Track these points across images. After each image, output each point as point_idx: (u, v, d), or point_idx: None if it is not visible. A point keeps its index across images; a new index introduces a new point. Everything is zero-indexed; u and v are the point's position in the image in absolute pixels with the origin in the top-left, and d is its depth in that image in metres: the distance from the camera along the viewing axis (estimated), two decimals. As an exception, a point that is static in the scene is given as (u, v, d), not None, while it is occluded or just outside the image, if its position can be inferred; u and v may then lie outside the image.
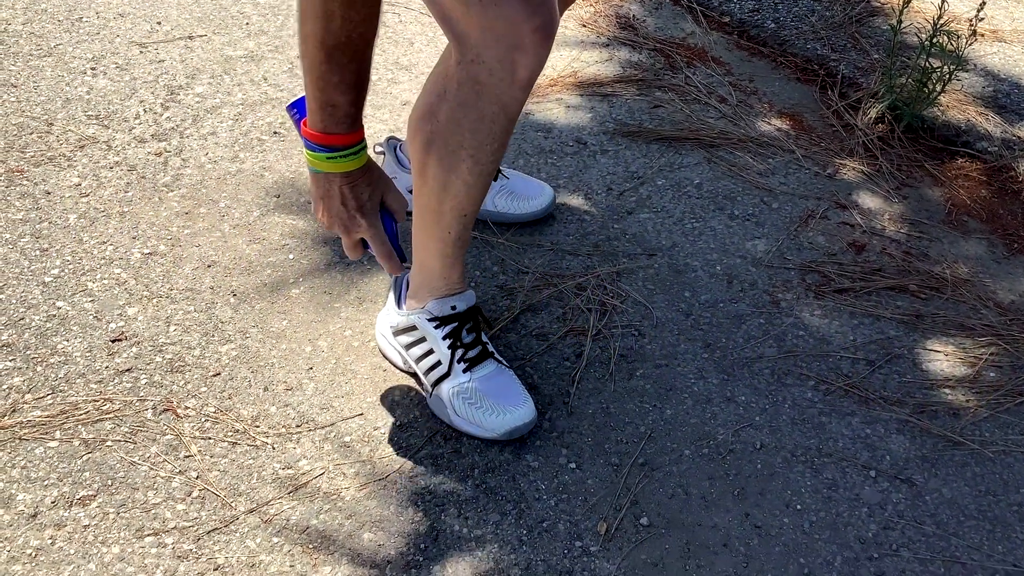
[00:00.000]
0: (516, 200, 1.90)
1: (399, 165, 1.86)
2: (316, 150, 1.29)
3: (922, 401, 1.62)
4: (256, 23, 2.48)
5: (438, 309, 1.54)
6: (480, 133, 1.33)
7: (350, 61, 1.21)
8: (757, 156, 2.14)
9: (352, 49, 1.21)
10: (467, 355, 1.54)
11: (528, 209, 1.90)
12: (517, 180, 1.92)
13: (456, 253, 1.50)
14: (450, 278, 1.53)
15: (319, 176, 1.32)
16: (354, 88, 1.24)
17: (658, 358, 1.68)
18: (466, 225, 1.47)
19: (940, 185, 2.08)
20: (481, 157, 1.36)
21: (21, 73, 2.26)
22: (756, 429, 1.57)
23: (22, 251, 1.80)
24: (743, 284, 1.83)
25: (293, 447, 1.50)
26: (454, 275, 1.53)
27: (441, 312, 1.54)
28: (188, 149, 2.06)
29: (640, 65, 2.40)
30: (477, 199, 1.43)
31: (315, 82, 1.23)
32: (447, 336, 1.54)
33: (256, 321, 1.70)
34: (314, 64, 1.21)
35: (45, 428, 1.49)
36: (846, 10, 2.60)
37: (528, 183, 1.93)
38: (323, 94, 1.24)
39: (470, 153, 1.35)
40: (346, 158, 1.29)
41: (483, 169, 1.38)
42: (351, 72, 1.23)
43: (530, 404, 1.52)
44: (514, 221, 1.91)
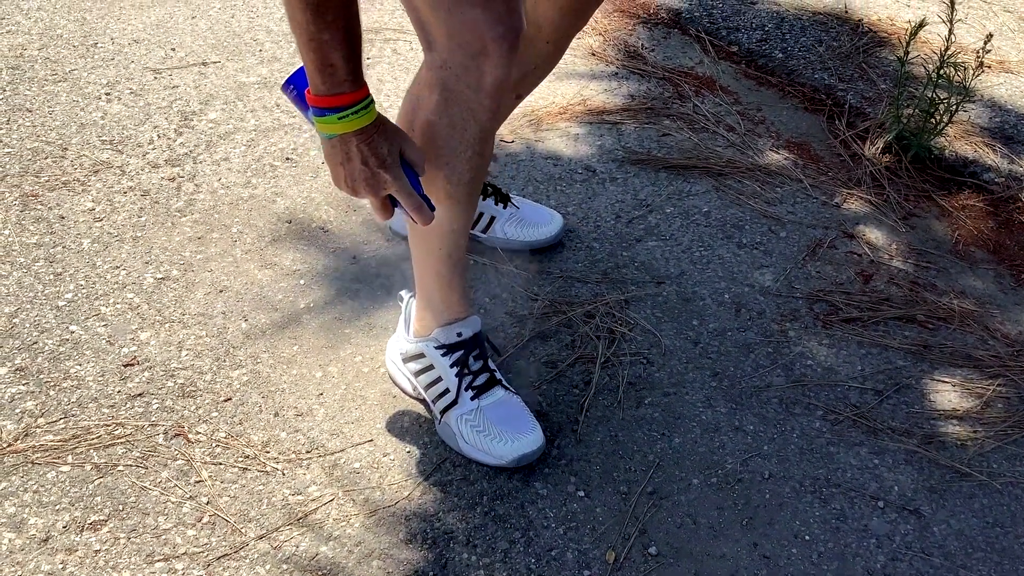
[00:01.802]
0: (526, 227, 1.91)
1: None
2: (326, 114, 1.26)
3: (930, 432, 1.63)
4: (269, 50, 2.51)
5: (444, 336, 1.55)
6: (453, 140, 1.36)
7: (336, 17, 1.19)
8: (765, 185, 2.15)
9: (335, 4, 1.19)
10: (474, 382, 1.55)
11: (538, 236, 1.92)
12: (527, 208, 1.94)
13: (451, 272, 1.51)
14: (451, 302, 1.55)
15: (335, 142, 1.29)
16: (346, 43, 1.21)
17: (666, 386, 1.69)
18: (456, 242, 1.48)
19: (947, 216, 2.09)
20: (457, 165, 1.38)
21: (36, 98, 2.28)
22: (764, 459, 1.57)
23: (36, 275, 1.82)
24: (751, 313, 1.84)
25: (303, 473, 1.51)
26: (454, 299, 1.54)
27: (447, 339, 1.55)
28: (201, 174, 2.08)
29: (649, 94, 2.43)
30: (462, 212, 1.45)
31: (307, 44, 1.21)
32: (454, 364, 1.55)
33: (267, 346, 1.71)
34: (302, 27, 1.19)
35: (57, 452, 1.50)
36: (853, 40, 2.62)
37: (538, 211, 1.94)
38: (318, 55, 1.22)
39: (446, 161, 1.37)
40: (357, 114, 1.26)
41: (461, 178, 1.40)
42: (339, 27, 1.20)
43: (538, 431, 1.53)
44: (524, 248, 1.92)
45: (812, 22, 2.70)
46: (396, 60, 2.49)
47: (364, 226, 1.98)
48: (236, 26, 2.59)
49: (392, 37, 2.57)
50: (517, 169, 2.15)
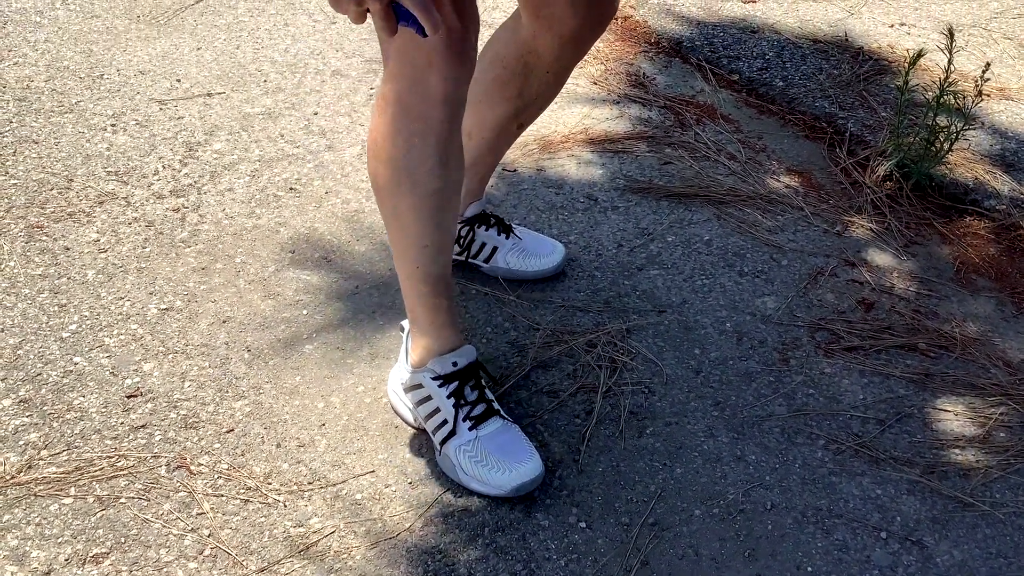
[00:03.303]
0: (527, 258, 1.92)
1: None
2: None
3: (932, 461, 1.62)
4: (274, 81, 2.53)
5: (440, 367, 1.55)
6: (413, 151, 1.39)
7: None
8: (766, 213, 2.16)
9: None
10: (472, 412, 1.55)
11: (539, 267, 1.92)
12: (528, 238, 1.94)
13: (434, 294, 1.52)
14: (441, 330, 1.56)
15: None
16: None
17: (668, 416, 1.69)
18: (433, 258, 1.49)
19: (949, 243, 2.10)
20: (419, 177, 1.41)
21: (43, 129, 2.30)
22: (767, 489, 1.57)
23: (41, 306, 1.83)
24: (753, 342, 1.84)
25: (304, 505, 1.51)
26: (444, 326, 1.55)
27: (443, 370, 1.55)
28: (205, 205, 2.10)
29: (650, 122, 2.44)
30: (433, 227, 1.46)
31: None
32: (451, 395, 1.55)
33: (270, 377, 1.72)
34: None
35: (60, 485, 1.51)
36: (854, 68, 2.63)
37: (540, 241, 1.95)
38: None
39: (407, 173, 1.41)
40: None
41: (424, 191, 1.42)
42: None
43: (536, 460, 1.53)
44: (525, 278, 1.93)
45: (812, 50, 2.72)
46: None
47: (367, 256, 1.99)
48: (241, 57, 2.62)
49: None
50: (519, 198, 2.16)
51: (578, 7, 1.52)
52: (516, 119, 1.74)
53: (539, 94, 1.69)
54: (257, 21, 2.79)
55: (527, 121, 1.77)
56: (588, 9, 1.53)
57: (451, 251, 1.54)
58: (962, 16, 2.89)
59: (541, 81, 1.66)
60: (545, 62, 1.62)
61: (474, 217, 1.90)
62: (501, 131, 1.76)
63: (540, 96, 1.70)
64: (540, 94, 1.70)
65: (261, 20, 2.79)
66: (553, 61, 1.62)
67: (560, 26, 1.55)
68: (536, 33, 1.59)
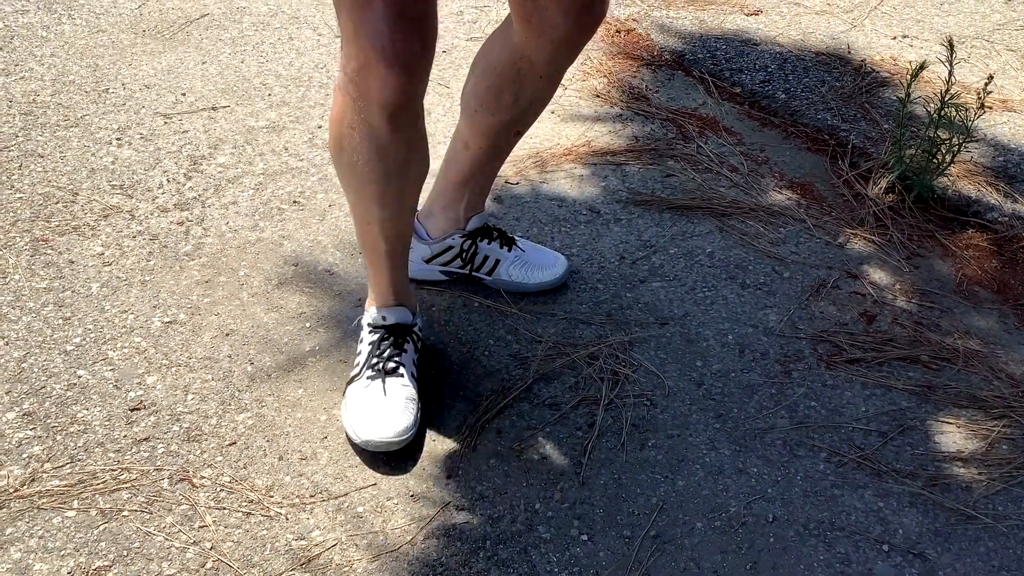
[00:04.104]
0: (530, 270, 1.93)
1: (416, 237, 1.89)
2: None
3: (935, 474, 1.62)
4: (278, 94, 2.54)
5: (373, 317, 1.69)
6: (353, 139, 1.47)
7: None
8: (768, 225, 2.16)
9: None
10: (378, 365, 1.65)
11: (542, 279, 1.93)
12: (531, 250, 1.95)
13: (373, 261, 1.65)
14: (381, 289, 1.68)
15: None
16: None
17: (670, 428, 1.69)
18: (372, 234, 1.60)
19: (951, 255, 2.10)
20: (358, 165, 1.51)
21: (48, 143, 2.32)
22: (768, 501, 1.57)
23: (45, 320, 1.84)
24: (755, 354, 1.84)
25: (306, 518, 1.51)
26: (386, 285, 1.67)
27: (374, 320, 1.69)
28: (209, 218, 2.11)
29: (652, 135, 2.45)
30: (373, 208, 1.56)
31: None
32: (371, 344, 1.68)
33: (272, 390, 1.73)
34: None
35: (63, 498, 1.51)
36: (856, 81, 2.64)
37: (542, 254, 1.96)
38: None
39: (348, 158, 1.51)
40: None
41: (363, 178, 1.52)
42: None
43: (400, 427, 1.59)
44: (528, 291, 1.93)
45: (815, 63, 2.73)
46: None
47: (370, 269, 2.00)
48: (246, 71, 2.63)
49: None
50: (522, 210, 2.17)
51: (568, 12, 1.53)
52: (514, 126, 1.75)
53: (534, 99, 1.70)
54: (262, 35, 2.80)
55: (524, 127, 1.77)
56: (578, 13, 1.54)
57: (400, 228, 1.62)
58: (964, 28, 2.90)
59: (535, 86, 1.67)
60: (538, 67, 1.62)
61: (476, 231, 1.90)
62: (499, 139, 1.76)
63: (535, 101, 1.71)
64: (535, 99, 1.70)
65: (266, 34, 2.81)
66: (545, 65, 1.62)
67: (552, 31, 1.55)
68: (528, 39, 1.59)
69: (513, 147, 1.83)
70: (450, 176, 1.85)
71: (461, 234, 1.89)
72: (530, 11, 1.55)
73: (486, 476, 1.59)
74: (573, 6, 1.52)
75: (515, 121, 1.73)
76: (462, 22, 2.91)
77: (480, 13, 2.96)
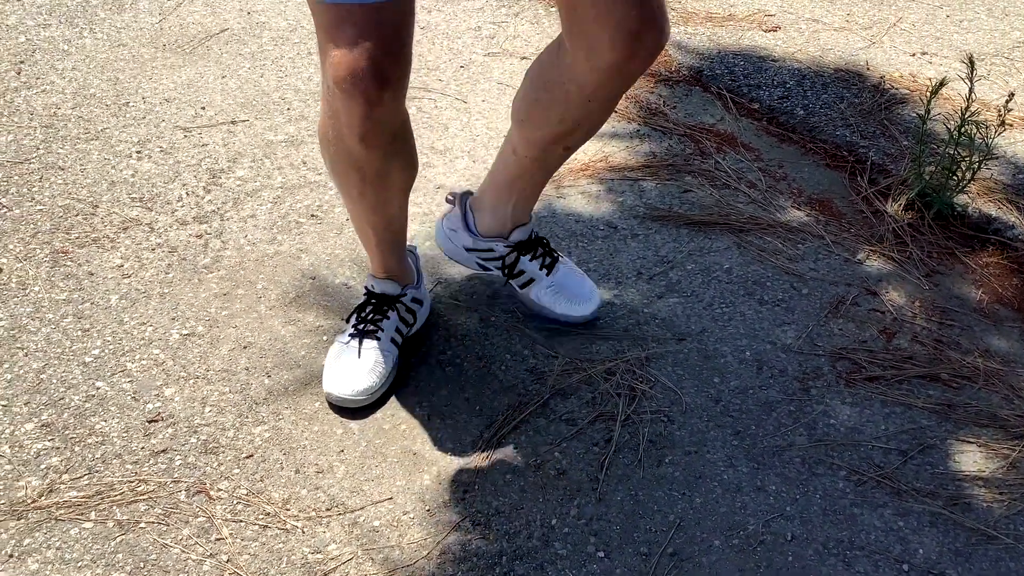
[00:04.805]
0: (560, 300, 1.89)
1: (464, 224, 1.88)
2: None
3: (955, 493, 1.61)
4: (297, 108, 2.56)
5: (367, 281, 1.81)
6: (331, 148, 1.54)
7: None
8: (787, 242, 2.16)
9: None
10: (359, 327, 1.76)
11: (568, 312, 1.89)
12: (569, 278, 1.91)
13: (364, 243, 1.76)
14: (374, 263, 1.79)
15: None
16: None
17: (687, 445, 1.68)
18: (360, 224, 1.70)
19: (971, 273, 2.08)
20: (339, 172, 1.58)
21: (69, 156, 2.34)
22: (787, 520, 1.56)
23: (64, 331, 1.85)
24: (773, 371, 1.83)
25: (323, 531, 1.51)
26: (374, 261, 1.78)
27: (367, 284, 1.80)
28: (228, 231, 2.11)
29: (670, 151, 2.44)
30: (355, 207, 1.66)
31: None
32: (360, 307, 1.79)
33: (289, 403, 1.73)
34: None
35: (81, 509, 1.52)
36: (875, 97, 2.63)
37: (579, 284, 1.91)
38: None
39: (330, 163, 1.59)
40: None
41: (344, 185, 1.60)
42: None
43: (363, 385, 1.69)
44: (552, 319, 1.91)
45: (833, 79, 2.72)
46: (420, 117, 2.53)
47: (387, 283, 2.00)
48: (265, 85, 2.65)
49: (416, 95, 2.61)
50: (539, 225, 2.17)
51: (615, 39, 1.43)
52: (560, 142, 1.68)
53: (582, 121, 1.62)
54: (281, 50, 2.82)
55: (574, 145, 1.71)
56: (625, 42, 1.43)
57: (387, 222, 1.69)
58: (984, 45, 2.89)
59: (584, 109, 1.58)
60: (586, 91, 1.53)
61: (520, 243, 1.87)
62: (546, 152, 1.71)
63: (584, 122, 1.63)
64: (584, 121, 1.62)
65: (285, 49, 2.83)
66: (594, 90, 1.53)
67: (598, 58, 1.47)
68: (575, 62, 1.51)
69: (562, 163, 1.78)
70: (498, 176, 1.82)
71: (505, 244, 1.87)
72: (577, 33, 1.48)
73: (502, 491, 1.59)
74: (619, 34, 1.43)
75: (562, 138, 1.66)
76: (479, 38, 2.92)
77: (498, 29, 2.97)
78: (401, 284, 1.79)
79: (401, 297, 1.79)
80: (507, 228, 1.86)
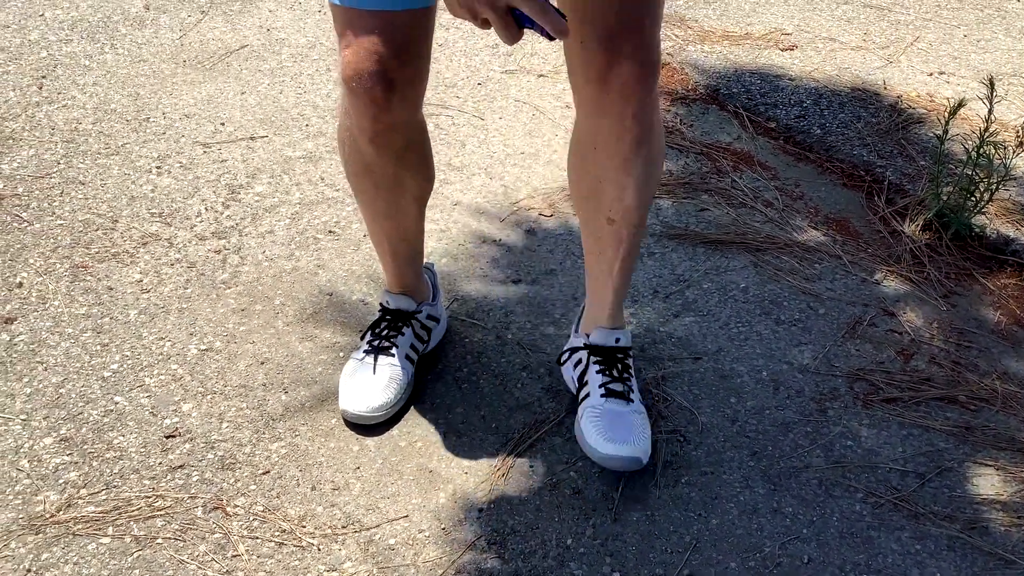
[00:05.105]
0: (592, 430, 1.63)
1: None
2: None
3: (973, 517, 1.60)
4: (315, 124, 2.57)
5: (381, 298, 1.82)
6: (346, 149, 1.57)
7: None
8: (803, 261, 2.15)
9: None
10: (373, 342, 1.77)
11: (594, 447, 1.61)
12: (613, 414, 1.64)
13: (379, 254, 1.76)
14: (388, 277, 1.80)
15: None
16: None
17: (703, 465, 1.68)
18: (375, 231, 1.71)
19: (989, 294, 2.08)
20: (352, 173, 1.61)
21: (89, 171, 2.36)
22: (804, 542, 1.55)
23: (83, 346, 1.86)
24: (790, 391, 1.83)
25: (338, 549, 1.51)
26: (388, 275, 1.79)
27: (380, 300, 1.81)
28: (246, 247, 2.13)
29: (686, 169, 2.45)
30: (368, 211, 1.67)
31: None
32: (373, 323, 1.80)
33: (306, 419, 1.73)
34: None
35: (98, 524, 1.52)
36: (892, 117, 2.63)
37: (624, 426, 1.62)
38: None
39: (346, 162, 1.60)
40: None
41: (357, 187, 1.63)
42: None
43: (374, 402, 1.69)
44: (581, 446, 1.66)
45: (850, 98, 2.72)
46: (437, 134, 2.54)
47: (404, 299, 2.01)
48: (284, 102, 2.67)
49: (433, 112, 2.62)
50: (555, 243, 2.18)
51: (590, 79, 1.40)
52: (601, 212, 1.56)
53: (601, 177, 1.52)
54: (300, 66, 2.84)
55: (615, 214, 1.54)
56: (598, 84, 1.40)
57: (401, 233, 1.70)
58: (1002, 66, 2.88)
59: (594, 159, 1.51)
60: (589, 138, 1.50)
61: (591, 346, 1.70)
62: (594, 227, 1.60)
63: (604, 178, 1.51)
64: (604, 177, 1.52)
65: (304, 65, 2.85)
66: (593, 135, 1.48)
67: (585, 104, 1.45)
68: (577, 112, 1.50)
69: (614, 244, 1.58)
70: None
71: (585, 343, 1.72)
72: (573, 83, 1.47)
73: (518, 510, 1.59)
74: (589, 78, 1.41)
75: (597, 205, 1.55)
76: (497, 55, 2.93)
77: (515, 46, 2.98)
78: (416, 300, 1.80)
79: (416, 314, 1.80)
80: (588, 328, 1.73)
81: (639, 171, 1.49)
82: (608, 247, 1.60)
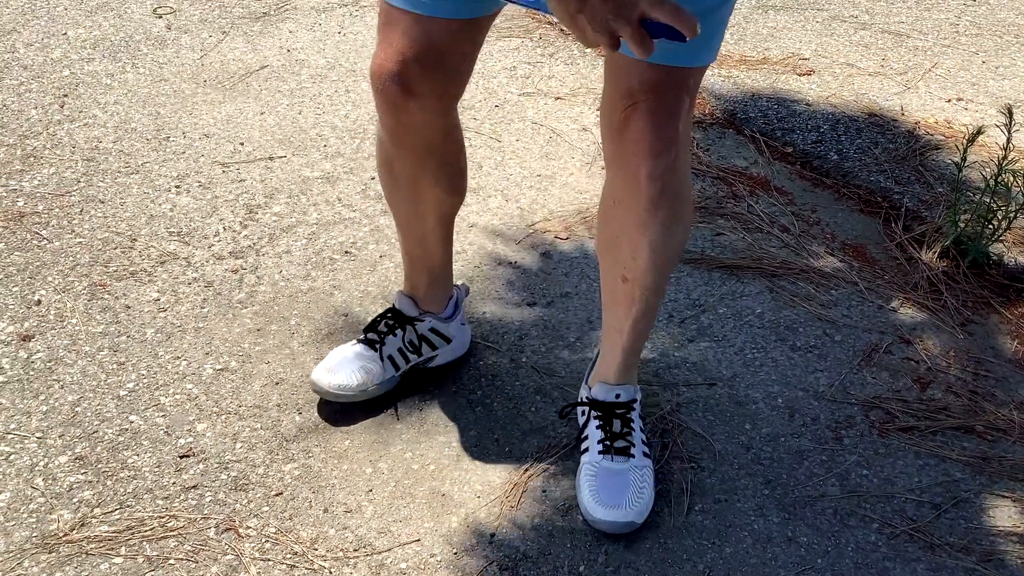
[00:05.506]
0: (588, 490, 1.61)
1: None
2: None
3: (989, 549, 1.58)
4: (333, 145, 2.59)
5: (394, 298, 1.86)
6: (379, 152, 1.64)
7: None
8: (819, 287, 2.15)
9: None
10: (366, 333, 1.82)
11: (586, 509, 1.60)
12: (608, 475, 1.62)
13: (400, 247, 1.80)
14: (404, 272, 1.83)
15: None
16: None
17: (717, 492, 1.67)
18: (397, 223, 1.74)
19: (1006, 323, 2.06)
20: (379, 172, 1.68)
21: (109, 189, 2.37)
22: (818, 572, 1.54)
23: (100, 364, 1.87)
24: (805, 418, 1.82)
25: (350, 572, 1.51)
26: (404, 270, 1.83)
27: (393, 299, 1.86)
28: (263, 267, 2.14)
29: (702, 193, 2.45)
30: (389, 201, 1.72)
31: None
32: (375, 318, 1.85)
33: (319, 440, 1.73)
34: None
35: (111, 544, 1.53)
36: (910, 143, 2.62)
37: (619, 488, 1.60)
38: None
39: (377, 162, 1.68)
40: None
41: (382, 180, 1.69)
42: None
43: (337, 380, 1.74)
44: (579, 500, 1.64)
45: (867, 124, 2.72)
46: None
47: (419, 321, 2.01)
48: (303, 122, 2.68)
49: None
50: (570, 266, 2.18)
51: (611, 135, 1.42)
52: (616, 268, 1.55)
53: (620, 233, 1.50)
54: (319, 87, 2.86)
55: (629, 272, 1.53)
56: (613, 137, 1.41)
57: (417, 234, 1.73)
58: (1021, 92, 2.88)
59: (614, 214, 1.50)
60: (616, 196, 1.48)
61: (592, 401, 1.68)
62: (610, 282, 1.60)
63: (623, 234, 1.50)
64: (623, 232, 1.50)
65: (323, 87, 2.87)
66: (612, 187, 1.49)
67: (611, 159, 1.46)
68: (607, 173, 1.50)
69: (626, 303, 1.57)
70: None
71: (588, 395, 1.70)
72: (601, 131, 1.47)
73: (530, 536, 1.58)
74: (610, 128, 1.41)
75: (616, 260, 1.54)
76: (515, 77, 2.95)
77: (532, 69, 2.99)
78: (420, 308, 1.82)
79: (416, 320, 1.81)
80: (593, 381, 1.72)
81: (655, 234, 1.45)
82: (620, 305, 1.58)
